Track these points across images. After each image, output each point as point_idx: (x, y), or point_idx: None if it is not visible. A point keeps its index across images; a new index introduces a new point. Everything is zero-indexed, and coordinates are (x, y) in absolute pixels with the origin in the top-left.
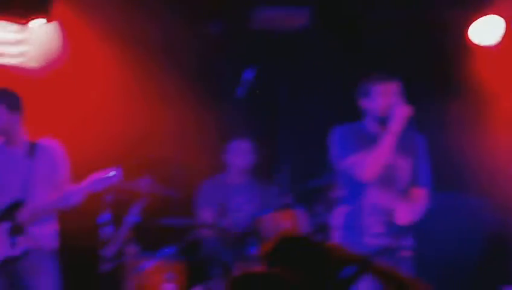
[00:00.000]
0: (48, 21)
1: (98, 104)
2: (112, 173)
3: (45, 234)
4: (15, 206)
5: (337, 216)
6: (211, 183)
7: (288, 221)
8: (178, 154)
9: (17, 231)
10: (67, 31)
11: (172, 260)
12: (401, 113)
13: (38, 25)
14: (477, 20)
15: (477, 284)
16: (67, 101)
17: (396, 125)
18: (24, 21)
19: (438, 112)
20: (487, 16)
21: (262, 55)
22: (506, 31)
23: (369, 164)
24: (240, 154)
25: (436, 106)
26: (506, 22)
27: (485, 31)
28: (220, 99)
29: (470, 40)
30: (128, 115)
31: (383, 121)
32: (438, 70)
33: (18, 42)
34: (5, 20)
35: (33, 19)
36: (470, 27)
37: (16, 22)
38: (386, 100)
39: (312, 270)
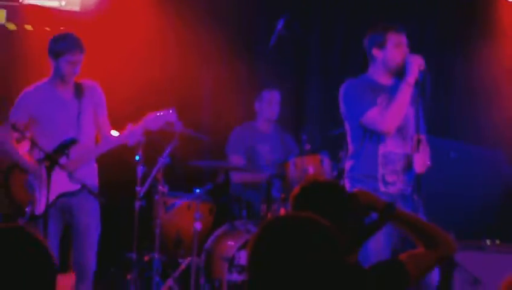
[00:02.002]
0: None
1: (134, 49)
2: (169, 112)
3: (92, 172)
4: (70, 143)
5: (350, 169)
6: (241, 129)
7: (312, 166)
8: (210, 101)
9: (71, 167)
10: None
11: (201, 200)
12: (416, 63)
13: None
14: None
15: (494, 234)
16: (104, 44)
17: (412, 75)
18: None
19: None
20: None
21: (294, 6)
22: None
23: (389, 116)
24: (269, 104)
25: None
26: None
27: None
28: (253, 49)
29: None
30: (163, 61)
31: (396, 71)
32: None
33: None
34: None
35: None
36: None
37: None
38: (401, 50)
39: (338, 216)
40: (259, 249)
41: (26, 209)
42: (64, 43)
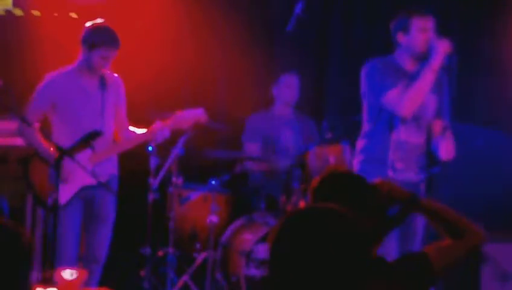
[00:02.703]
0: None
1: (146, 35)
2: (200, 111)
3: (113, 162)
4: (95, 135)
5: (360, 151)
6: (258, 116)
7: (333, 155)
8: (227, 88)
9: (96, 160)
10: None
11: (217, 192)
12: (442, 48)
13: None
14: None
15: None
16: (116, 30)
17: (437, 61)
18: None
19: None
20: None
21: None
22: None
23: (409, 99)
24: (288, 88)
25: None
26: None
27: None
28: (271, 32)
29: None
30: (178, 47)
31: (420, 57)
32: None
33: None
34: None
35: None
36: None
37: None
38: (426, 35)
39: (359, 207)
40: (281, 243)
41: (48, 199)
42: (102, 36)
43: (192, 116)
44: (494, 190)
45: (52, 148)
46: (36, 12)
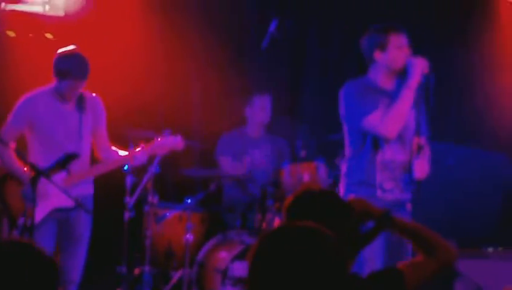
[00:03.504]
0: None
1: (119, 54)
2: (177, 139)
3: (88, 182)
4: (71, 158)
5: (345, 174)
6: (231, 134)
7: (308, 173)
8: (202, 106)
9: (70, 182)
10: None
11: (193, 210)
12: (419, 65)
13: None
14: None
15: (496, 241)
16: (89, 50)
17: (415, 79)
18: None
19: (458, 63)
20: None
21: (289, 7)
22: None
23: (390, 120)
24: (261, 110)
25: (455, 58)
26: None
27: None
28: (245, 51)
29: None
30: (151, 67)
31: (397, 73)
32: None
33: None
34: None
35: None
36: None
37: None
38: (403, 52)
39: (332, 225)
40: (260, 261)
41: (20, 220)
42: (70, 67)
43: (170, 143)
44: (466, 207)
45: (26, 168)
46: (11, 33)
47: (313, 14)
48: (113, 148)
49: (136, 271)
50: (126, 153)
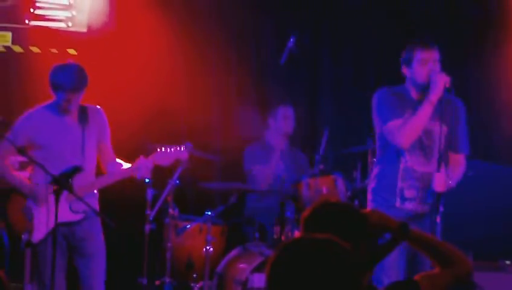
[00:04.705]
0: None
1: (141, 70)
2: (181, 149)
3: (95, 197)
4: (74, 171)
5: (373, 178)
6: (253, 147)
7: (326, 186)
8: (220, 121)
9: (75, 196)
10: None
11: (213, 223)
12: (440, 81)
13: None
14: None
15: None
16: (111, 66)
17: (435, 93)
18: None
19: (475, 80)
20: None
21: (304, 22)
22: None
23: (405, 131)
24: (284, 119)
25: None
26: None
27: None
28: (264, 67)
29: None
30: (171, 81)
31: (423, 88)
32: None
33: (67, 7)
34: None
35: None
36: None
37: None
38: (426, 68)
39: (350, 237)
40: (278, 272)
41: (23, 236)
42: (61, 79)
43: (173, 153)
44: (484, 220)
45: (25, 180)
46: (35, 49)
47: (326, 29)
48: (118, 160)
49: (157, 283)
50: (129, 165)
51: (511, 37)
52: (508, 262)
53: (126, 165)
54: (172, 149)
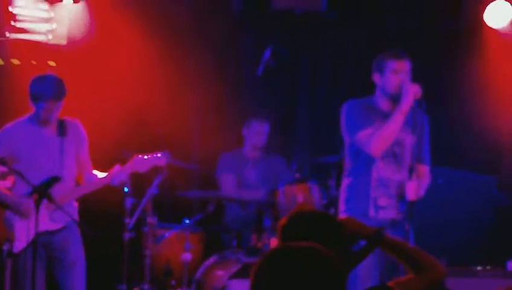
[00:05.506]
0: (75, 1)
1: (120, 81)
2: (158, 156)
3: (74, 207)
4: (52, 181)
5: (344, 189)
6: (229, 154)
7: (302, 194)
8: (198, 130)
9: (55, 204)
10: (94, 10)
11: (191, 230)
12: (412, 91)
13: (66, 4)
14: (490, 4)
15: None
16: (91, 78)
17: (407, 103)
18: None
19: (447, 90)
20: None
21: (282, 35)
22: None
23: (377, 140)
24: (256, 134)
25: (446, 85)
26: None
27: (496, 14)
28: (241, 76)
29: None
30: (151, 93)
31: (394, 97)
32: (451, 52)
33: (47, 20)
34: None
35: None
36: (485, 10)
37: (46, 0)
38: (398, 77)
39: (326, 244)
40: (263, 280)
41: (4, 247)
42: (40, 88)
43: (150, 160)
44: (455, 227)
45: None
46: (15, 61)
47: (304, 42)
48: (95, 171)
49: (136, 289)
50: (105, 174)
51: (481, 47)
52: (479, 267)
53: (100, 176)
54: (149, 156)
